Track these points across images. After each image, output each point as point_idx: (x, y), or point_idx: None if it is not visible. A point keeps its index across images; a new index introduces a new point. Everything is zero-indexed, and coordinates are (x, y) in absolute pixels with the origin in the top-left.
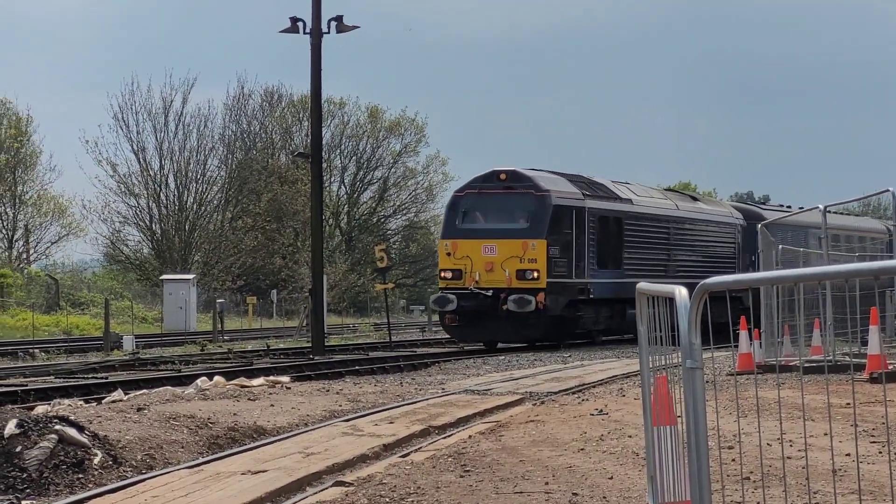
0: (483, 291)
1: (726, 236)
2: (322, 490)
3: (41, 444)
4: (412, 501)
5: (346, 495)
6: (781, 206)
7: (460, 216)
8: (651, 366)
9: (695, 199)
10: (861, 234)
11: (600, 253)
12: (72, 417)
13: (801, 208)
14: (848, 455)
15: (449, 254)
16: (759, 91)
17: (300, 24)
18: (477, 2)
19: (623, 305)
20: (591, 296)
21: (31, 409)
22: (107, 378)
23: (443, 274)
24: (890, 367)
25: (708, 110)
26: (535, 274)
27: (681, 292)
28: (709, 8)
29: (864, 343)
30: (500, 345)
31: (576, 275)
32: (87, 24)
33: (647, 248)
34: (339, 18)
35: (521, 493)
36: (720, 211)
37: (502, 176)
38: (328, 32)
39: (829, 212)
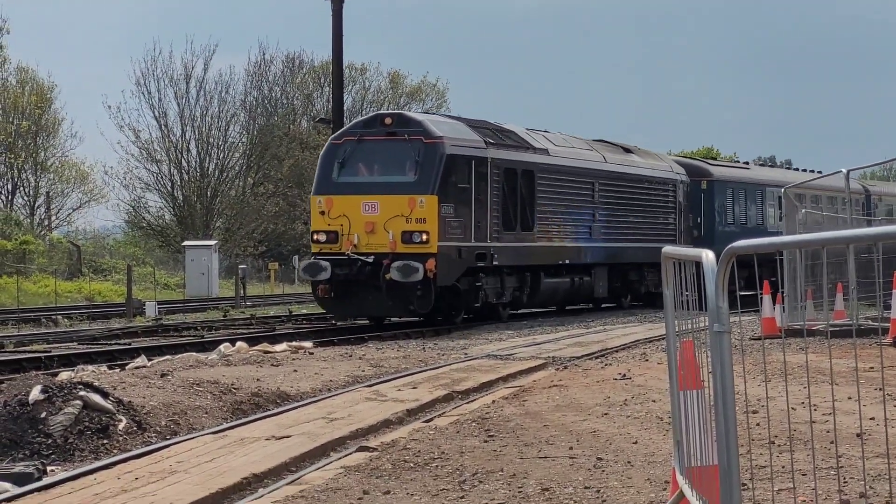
0: (362, 257)
1: (665, 194)
2: (346, 455)
3: (66, 410)
4: (436, 466)
5: (371, 460)
6: (738, 161)
7: (336, 168)
8: (676, 330)
9: (628, 150)
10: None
11: (506, 212)
12: (96, 383)
13: (745, 163)
14: (873, 419)
15: (323, 212)
16: (784, 56)
17: None
18: None
19: (536, 274)
20: (495, 263)
21: (55, 375)
22: (130, 344)
23: (315, 237)
24: None
25: (732, 76)
26: (424, 236)
27: (707, 256)
28: None
29: (888, 307)
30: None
31: (475, 238)
32: None
33: (566, 206)
34: None
35: (546, 457)
36: (658, 165)
37: (387, 120)
38: None
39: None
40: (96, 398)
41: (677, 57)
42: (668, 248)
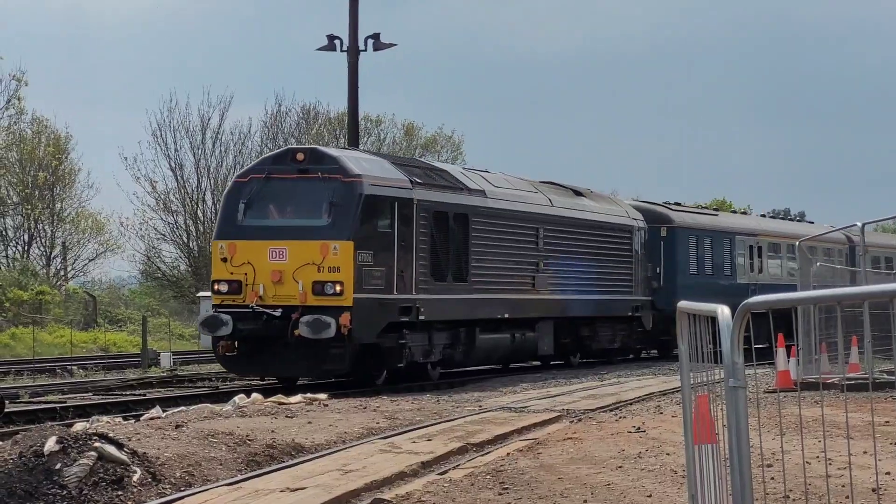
0: (268, 310)
1: (619, 242)
2: None
3: (80, 462)
4: None
5: None
6: (699, 205)
7: (242, 209)
8: (691, 383)
9: (579, 193)
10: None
11: (436, 260)
12: (111, 434)
13: (716, 209)
14: (888, 473)
15: (225, 259)
16: (798, 109)
17: (337, 42)
18: (515, 18)
19: (471, 329)
20: (422, 317)
21: (70, 426)
22: (145, 395)
23: (216, 287)
24: None
25: (746, 128)
26: (338, 287)
27: (723, 312)
28: (749, 27)
29: None
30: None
31: (398, 289)
32: (125, 43)
33: (506, 254)
34: (376, 36)
35: None
36: (612, 210)
37: (299, 156)
38: (365, 50)
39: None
40: (111, 449)
41: (691, 108)
42: (683, 303)
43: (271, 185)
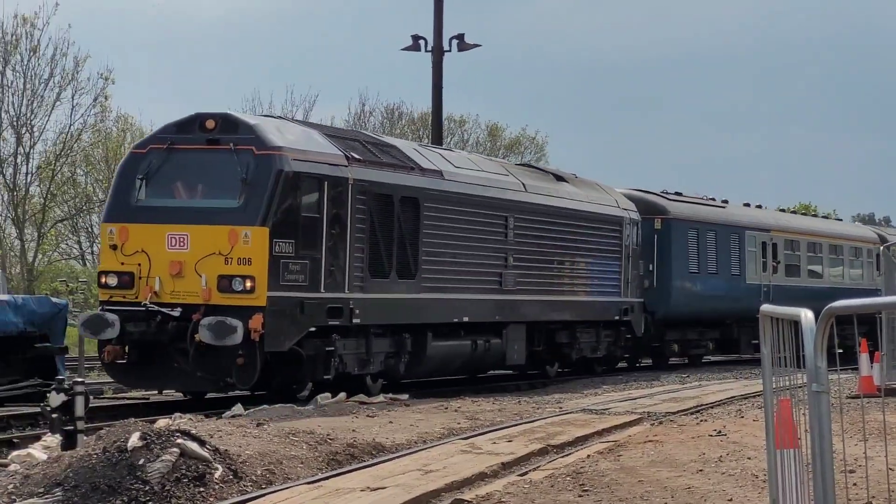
0: (165, 309)
1: (607, 235)
2: None
3: (163, 458)
4: None
5: None
6: (704, 197)
7: (137, 187)
8: (774, 388)
9: (560, 178)
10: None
11: (376, 253)
12: (193, 431)
13: (724, 201)
14: None
15: (114, 246)
16: (888, 115)
17: (422, 43)
18: (601, 22)
19: (421, 335)
20: (356, 320)
21: (153, 422)
22: (226, 393)
23: (103, 279)
24: None
25: (836, 132)
26: (248, 283)
27: (807, 315)
28: (839, 31)
29: None
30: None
31: (326, 286)
32: (209, 42)
33: (467, 247)
34: (460, 37)
35: None
36: (599, 198)
37: (209, 123)
38: (449, 50)
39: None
40: (193, 446)
41: (776, 113)
42: (766, 307)
43: (174, 157)
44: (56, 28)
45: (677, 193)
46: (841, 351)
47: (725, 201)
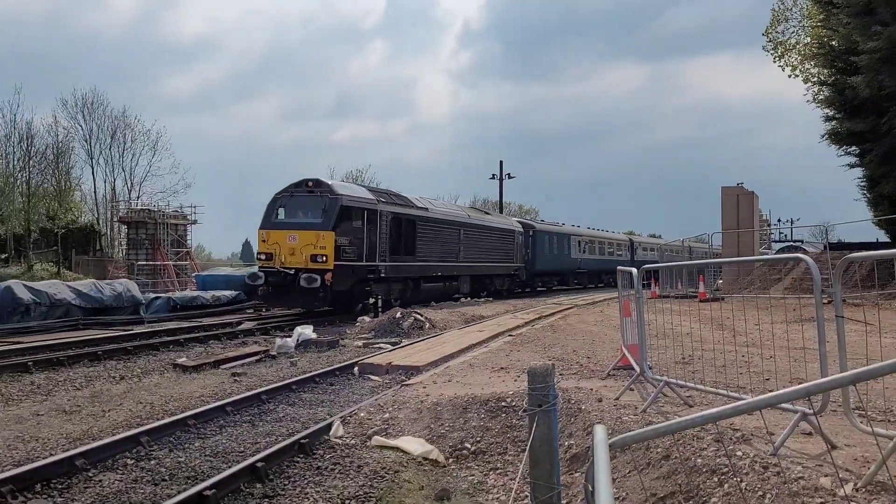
0: (286, 270)
1: (507, 238)
2: (503, 337)
3: (408, 320)
4: (535, 342)
5: (513, 339)
6: (556, 223)
7: (275, 212)
8: (622, 294)
9: (487, 213)
10: None
11: (394, 244)
12: (418, 311)
13: (562, 223)
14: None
15: (264, 241)
16: None
17: (495, 174)
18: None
19: (417, 281)
20: (383, 275)
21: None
22: (316, 309)
23: (259, 256)
24: None
25: None
26: (324, 258)
27: (633, 269)
28: None
29: None
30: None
31: (366, 259)
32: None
33: (439, 242)
34: (508, 174)
35: (575, 339)
36: (504, 222)
37: (309, 183)
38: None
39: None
40: (419, 316)
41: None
42: (620, 267)
43: (292, 199)
44: None
45: (542, 221)
46: (646, 282)
47: (563, 224)
